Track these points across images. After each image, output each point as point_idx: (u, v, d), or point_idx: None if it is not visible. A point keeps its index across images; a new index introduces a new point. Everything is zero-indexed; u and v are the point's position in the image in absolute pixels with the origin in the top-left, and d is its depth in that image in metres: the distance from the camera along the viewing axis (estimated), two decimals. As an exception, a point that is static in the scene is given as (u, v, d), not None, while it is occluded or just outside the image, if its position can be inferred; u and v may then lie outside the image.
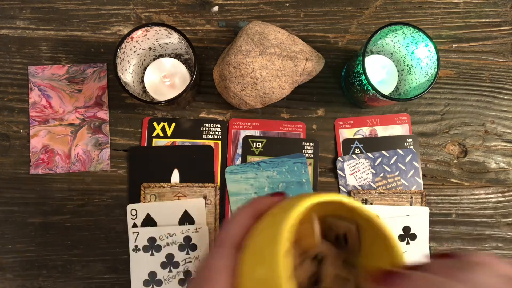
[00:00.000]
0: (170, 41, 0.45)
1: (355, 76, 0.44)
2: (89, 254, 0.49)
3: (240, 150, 0.50)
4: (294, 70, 0.46)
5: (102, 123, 0.50)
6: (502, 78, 0.52)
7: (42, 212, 0.49)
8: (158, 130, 0.50)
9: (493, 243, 0.51)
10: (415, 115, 0.51)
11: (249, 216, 0.26)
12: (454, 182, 0.51)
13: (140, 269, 0.47)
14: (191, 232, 0.48)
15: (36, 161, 0.49)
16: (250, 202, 0.27)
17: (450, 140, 0.52)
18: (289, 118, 0.51)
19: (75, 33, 0.50)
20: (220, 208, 0.49)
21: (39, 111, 0.49)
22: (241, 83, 0.45)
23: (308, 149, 0.50)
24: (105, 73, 0.50)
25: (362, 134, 0.51)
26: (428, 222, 0.50)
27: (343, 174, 0.50)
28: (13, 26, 0.50)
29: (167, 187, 0.48)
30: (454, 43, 0.52)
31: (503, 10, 0.53)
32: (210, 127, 0.50)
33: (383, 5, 0.52)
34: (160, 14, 0.51)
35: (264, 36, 0.45)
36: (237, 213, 0.27)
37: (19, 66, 0.50)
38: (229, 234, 0.26)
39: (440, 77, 0.52)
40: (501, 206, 0.51)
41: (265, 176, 0.49)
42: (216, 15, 0.51)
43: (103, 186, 0.49)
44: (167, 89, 0.47)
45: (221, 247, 0.25)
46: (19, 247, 0.49)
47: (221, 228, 0.27)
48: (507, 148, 0.52)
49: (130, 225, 0.48)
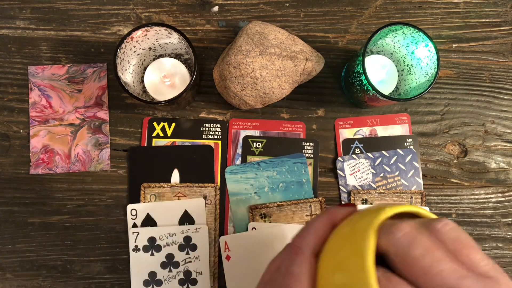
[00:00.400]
0: (170, 41, 0.45)
1: (355, 76, 0.44)
2: (89, 254, 0.49)
3: (240, 150, 0.50)
4: (294, 70, 0.46)
5: (102, 123, 0.50)
6: (502, 78, 0.52)
7: (42, 212, 0.49)
8: (158, 130, 0.50)
9: (493, 243, 0.51)
10: (415, 115, 0.51)
11: (326, 224, 0.27)
12: (454, 182, 0.51)
13: (140, 269, 0.47)
14: (191, 232, 0.48)
15: (36, 161, 0.49)
16: (325, 211, 0.28)
17: (450, 140, 0.52)
18: (289, 118, 0.51)
19: (75, 33, 0.50)
20: (220, 208, 0.49)
21: (39, 111, 0.49)
22: (241, 83, 0.45)
23: (308, 149, 0.50)
24: (105, 73, 0.50)
25: (362, 134, 0.51)
26: (428, 222, 0.50)
27: (343, 174, 0.50)
28: (13, 26, 0.50)
29: (167, 187, 0.48)
30: (454, 43, 0.52)
31: (503, 10, 0.53)
32: (210, 127, 0.50)
33: (383, 5, 0.52)
34: (160, 14, 0.51)
35: (264, 36, 0.45)
36: (313, 221, 0.27)
37: (19, 66, 0.50)
38: (307, 241, 0.26)
39: (440, 77, 0.52)
40: (501, 206, 0.51)
41: (265, 176, 0.49)
42: (216, 15, 0.51)
43: (103, 186, 0.49)
44: (167, 89, 0.47)
45: (300, 254, 0.25)
46: (19, 247, 0.49)
47: (296, 235, 0.27)
48: (507, 148, 0.52)
49: (130, 225, 0.48)
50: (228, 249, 0.48)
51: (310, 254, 0.25)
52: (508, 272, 0.51)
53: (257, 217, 0.48)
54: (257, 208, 0.48)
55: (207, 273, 0.48)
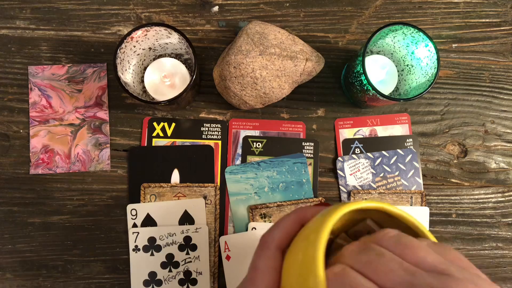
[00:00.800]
0: (170, 41, 0.45)
1: (355, 76, 0.44)
2: (89, 254, 0.49)
3: (240, 150, 0.50)
4: (294, 70, 0.46)
5: (102, 123, 0.50)
6: (502, 78, 0.52)
7: (42, 212, 0.49)
8: (158, 130, 0.50)
9: (493, 243, 0.51)
10: (415, 115, 0.51)
11: (294, 222, 0.27)
12: (454, 182, 0.51)
13: (140, 269, 0.47)
14: (191, 232, 0.48)
15: (36, 161, 0.49)
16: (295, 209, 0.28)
17: (450, 140, 0.52)
18: (289, 118, 0.51)
19: (75, 33, 0.50)
20: (220, 208, 0.49)
21: (39, 111, 0.49)
22: (241, 83, 0.45)
23: (308, 149, 0.50)
24: (105, 73, 0.50)
25: (362, 134, 0.51)
26: (428, 222, 0.50)
27: (343, 174, 0.50)
28: (13, 26, 0.50)
29: (167, 187, 0.48)
30: (454, 43, 0.52)
31: (503, 10, 0.53)
32: (210, 127, 0.50)
33: (383, 5, 0.52)
34: (160, 14, 0.51)
35: (264, 36, 0.45)
36: (282, 218, 0.28)
37: (19, 66, 0.50)
38: (273, 236, 0.27)
39: (440, 77, 0.52)
40: (501, 206, 0.51)
41: (265, 176, 0.49)
42: (216, 15, 0.51)
43: (103, 186, 0.49)
44: (167, 89, 0.47)
45: (266, 249, 0.26)
46: (19, 247, 0.49)
47: (266, 231, 0.28)
48: (507, 148, 0.52)
49: (130, 225, 0.48)
50: (228, 249, 0.48)
51: (275, 249, 0.26)
52: (508, 272, 0.51)
53: (257, 217, 0.48)
54: (257, 208, 0.48)
55: (207, 273, 0.48)
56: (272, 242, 0.26)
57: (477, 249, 0.51)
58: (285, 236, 0.27)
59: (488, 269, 0.51)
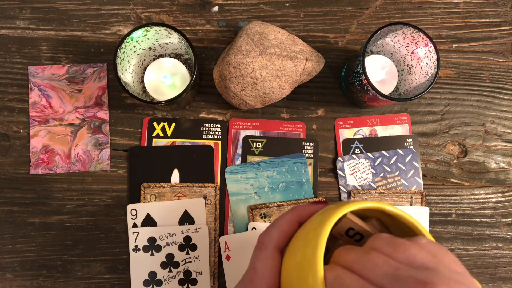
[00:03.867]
0: (170, 41, 0.45)
1: (355, 76, 0.44)
2: (89, 254, 0.49)
3: (240, 150, 0.50)
4: (294, 70, 0.46)
5: (102, 123, 0.50)
6: (502, 78, 0.52)
7: (42, 212, 0.49)
8: (158, 130, 0.50)
9: (493, 243, 0.51)
10: (415, 115, 0.51)
11: (291, 221, 0.27)
12: (454, 182, 0.51)
13: (140, 269, 0.47)
14: (191, 232, 0.48)
15: (36, 161, 0.49)
16: (292, 208, 0.28)
17: (450, 140, 0.52)
18: (289, 118, 0.51)
19: (75, 33, 0.50)
20: (220, 208, 0.49)
21: (39, 111, 0.49)
22: (241, 83, 0.45)
23: (308, 149, 0.50)
24: (105, 73, 0.50)
25: (362, 134, 0.51)
26: (428, 222, 0.50)
27: (343, 174, 0.50)
28: (13, 26, 0.50)
29: (167, 187, 0.48)
30: (454, 43, 0.52)
31: (503, 10, 0.53)
32: (210, 127, 0.50)
33: (383, 5, 0.52)
34: (160, 14, 0.51)
35: (264, 36, 0.45)
36: (279, 217, 0.28)
37: (19, 66, 0.50)
38: (270, 237, 0.27)
39: (440, 77, 0.52)
40: (501, 206, 0.51)
41: (265, 176, 0.49)
42: (216, 15, 0.51)
43: (103, 186, 0.49)
44: (167, 89, 0.47)
45: (264, 250, 0.26)
46: (19, 247, 0.49)
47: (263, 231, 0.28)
48: (507, 148, 0.52)
49: (130, 225, 0.48)
50: (228, 249, 0.48)
51: (273, 249, 0.26)
52: (508, 272, 0.51)
53: (257, 217, 0.48)
54: (257, 208, 0.48)
55: (207, 273, 0.48)
56: (270, 242, 0.26)
57: (477, 249, 0.51)
58: (282, 236, 0.27)
59: (488, 269, 0.51)
